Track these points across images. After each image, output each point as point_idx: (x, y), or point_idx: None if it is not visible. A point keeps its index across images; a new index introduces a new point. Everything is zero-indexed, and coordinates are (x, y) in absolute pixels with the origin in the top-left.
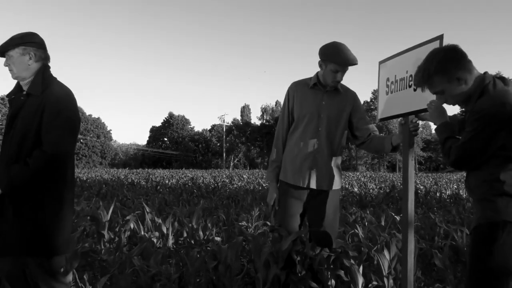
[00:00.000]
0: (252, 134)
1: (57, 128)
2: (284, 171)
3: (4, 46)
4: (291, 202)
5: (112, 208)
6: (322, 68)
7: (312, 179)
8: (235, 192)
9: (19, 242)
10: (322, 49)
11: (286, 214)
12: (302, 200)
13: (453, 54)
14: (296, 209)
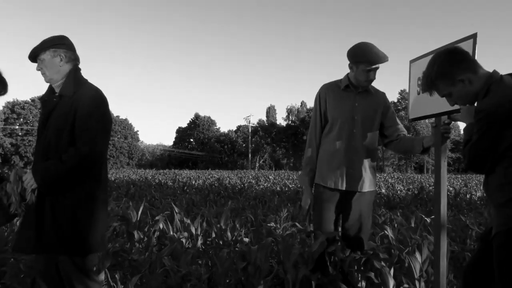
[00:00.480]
0: (278, 135)
1: (90, 129)
2: (319, 174)
3: (35, 51)
4: (327, 205)
5: (142, 208)
6: (353, 69)
7: (348, 181)
8: (261, 193)
9: (54, 240)
10: (351, 51)
11: (322, 218)
12: (337, 201)
13: (453, 56)
14: (332, 212)
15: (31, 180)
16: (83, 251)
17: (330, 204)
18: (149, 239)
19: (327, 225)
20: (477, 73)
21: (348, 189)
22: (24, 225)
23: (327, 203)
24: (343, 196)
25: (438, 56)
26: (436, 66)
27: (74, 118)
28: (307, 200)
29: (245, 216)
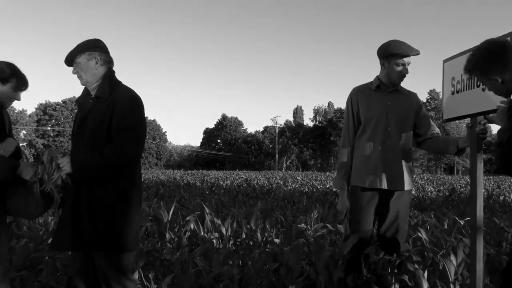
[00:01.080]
0: (305, 135)
1: (129, 129)
2: (356, 175)
3: (71, 55)
4: (366, 208)
5: (173, 208)
6: (385, 66)
7: (385, 180)
8: (290, 193)
9: (91, 238)
10: (381, 47)
11: (361, 221)
12: (375, 202)
13: (491, 56)
14: (371, 214)
15: (67, 164)
16: (119, 249)
17: (369, 206)
18: (180, 239)
19: (366, 227)
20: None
21: (389, 187)
22: (61, 223)
23: (366, 205)
24: (381, 197)
25: (480, 49)
26: (474, 58)
27: (111, 119)
28: (343, 204)
29: (275, 217)
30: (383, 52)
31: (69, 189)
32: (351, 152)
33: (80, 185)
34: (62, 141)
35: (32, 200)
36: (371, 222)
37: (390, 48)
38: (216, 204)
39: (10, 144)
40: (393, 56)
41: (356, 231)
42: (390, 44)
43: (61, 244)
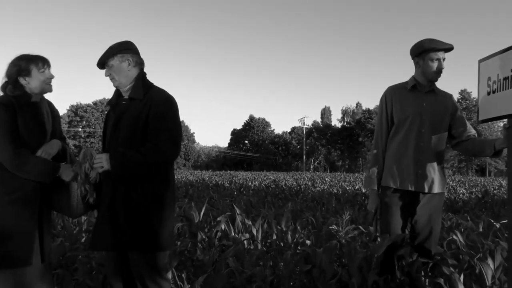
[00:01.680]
0: (333, 136)
1: (167, 129)
2: (387, 176)
3: (103, 58)
4: (396, 209)
5: (204, 209)
6: (420, 64)
7: (417, 182)
8: (318, 195)
9: (128, 237)
10: (414, 46)
11: (391, 222)
12: (406, 204)
13: None
14: (400, 215)
15: (105, 161)
16: (154, 248)
17: (399, 207)
18: (211, 239)
19: (396, 229)
20: None
21: (418, 190)
22: (99, 223)
23: (396, 206)
24: (412, 199)
25: None
26: None
27: (146, 120)
28: (374, 204)
29: (306, 219)
30: (416, 49)
31: (106, 189)
32: (383, 152)
33: (116, 183)
34: (93, 142)
35: (73, 200)
36: (400, 223)
37: (422, 44)
38: (245, 205)
39: (51, 146)
40: (426, 52)
41: (386, 232)
42: (422, 41)
43: (100, 244)
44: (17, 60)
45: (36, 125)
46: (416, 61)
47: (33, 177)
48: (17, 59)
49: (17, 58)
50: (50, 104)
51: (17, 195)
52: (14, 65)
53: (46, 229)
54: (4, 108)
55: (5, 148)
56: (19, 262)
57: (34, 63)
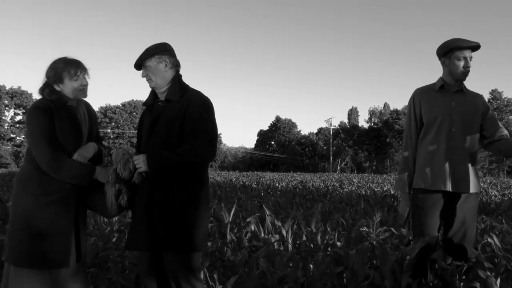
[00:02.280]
0: (360, 137)
1: (201, 132)
2: (419, 177)
3: (141, 59)
4: (429, 211)
5: (234, 210)
6: (446, 63)
7: (452, 182)
8: (347, 196)
9: (163, 237)
10: (440, 47)
11: (424, 224)
12: (440, 206)
13: None
14: (435, 218)
15: (143, 162)
16: (189, 249)
17: (433, 209)
18: (240, 240)
19: (429, 231)
20: None
21: (454, 190)
22: (135, 224)
23: (429, 208)
24: (446, 200)
25: None
26: None
27: (182, 122)
28: (405, 207)
29: (336, 220)
30: (442, 49)
31: (142, 190)
32: (413, 154)
33: (153, 184)
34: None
35: (107, 201)
36: (435, 226)
37: (448, 43)
38: (274, 206)
39: (87, 150)
40: (452, 51)
41: (419, 235)
42: (447, 41)
43: (136, 244)
44: (55, 64)
45: (72, 128)
46: (442, 61)
47: (69, 180)
48: (55, 63)
49: (55, 61)
50: (87, 106)
51: (55, 197)
52: (51, 68)
53: (81, 229)
54: (42, 112)
55: (43, 152)
56: (56, 263)
57: (67, 70)
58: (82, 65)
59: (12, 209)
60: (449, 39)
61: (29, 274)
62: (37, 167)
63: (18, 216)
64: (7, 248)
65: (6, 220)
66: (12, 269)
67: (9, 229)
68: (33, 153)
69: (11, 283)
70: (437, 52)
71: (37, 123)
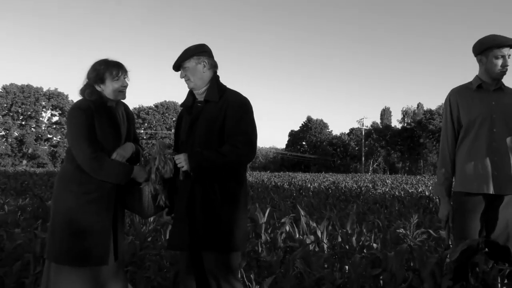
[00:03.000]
0: (392, 138)
1: (242, 133)
2: (459, 180)
3: (180, 60)
4: (471, 215)
5: (268, 210)
6: (483, 62)
7: (495, 184)
8: (380, 197)
9: (204, 237)
10: (476, 44)
11: (466, 229)
12: (481, 209)
13: None
14: (476, 221)
15: (184, 161)
16: (229, 248)
17: (474, 212)
18: (275, 240)
19: (471, 234)
20: None
21: (496, 192)
22: (177, 223)
23: (471, 211)
24: (488, 203)
25: None
26: None
27: (222, 123)
28: (445, 211)
29: (371, 221)
30: (479, 47)
31: (183, 190)
32: (452, 157)
33: (194, 184)
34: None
35: (144, 201)
36: (476, 229)
37: (485, 41)
38: (307, 207)
39: (125, 149)
40: (489, 49)
41: (461, 238)
42: (484, 38)
43: (178, 244)
44: (96, 65)
45: (112, 128)
46: (479, 59)
47: (108, 179)
48: (97, 64)
49: (97, 62)
50: (125, 107)
51: (94, 196)
52: (93, 69)
53: (120, 228)
54: (83, 112)
55: (83, 151)
56: (95, 260)
57: (109, 71)
58: (123, 67)
59: (53, 207)
60: (486, 35)
61: (70, 272)
62: (77, 166)
63: (59, 214)
64: (48, 245)
65: (46, 219)
66: (53, 266)
67: (50, 227)
68: (74, 152)
69: (52, 280)
70: (474, 50)
71: (77, 123)
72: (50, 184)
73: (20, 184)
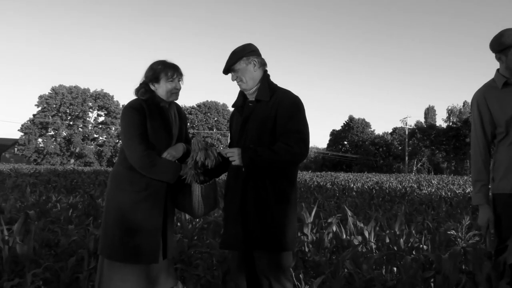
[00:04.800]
0: (437, 137)
1: (295, 132)
2: (502, 181)
3: (229, 63)
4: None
5: (315, 210)
6: (502, 60)
7: None
8: (427, 198)
9: (256, 236)
10: (495, 39)
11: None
12: None
13: None
14: None
15: (237, 156)
16: (281, 248)
17: None
18: (322, 241)
19: None
20: None
21: None
22: (229, 222)
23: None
24: None
25: None
26: None
27: (274, 122)
28: (485, 217)
29: (421, 222)
30: (498, 44)
31: (236, 189)
32: (486, 161)
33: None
34: None
35: (194, 201)
36: None
37: (503, 40)
38: (351, 207)
39: (177, 150)
40: (509, 48)
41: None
42: (502, 34)
43: (232, 244)
44: (154, 64)
45: (163, 128)
46: (498, 57)
47: (158, 177)
48: (155, 64)
49: (155, 62)
50: (178, 108)
51: (146, 193)
52: (151, 68)
53: (170, 227)
54: (136, 111)
55: (134, 149)
56: (145, 258)
57: (164, 71)
58: (179, 70)
59: (106, 205)
60: (502, 30)
61: (122, 268)
62: (129, 167)
63: (111, 212)
64: (101, 241)
65: (97, 216)
66: (105, 262)
67: (103, 224)
68: (125, 150)
69: (105, 275)
70: (491, 47)
71: (130, 121)
72: (98, 182)
73: (70, 182)
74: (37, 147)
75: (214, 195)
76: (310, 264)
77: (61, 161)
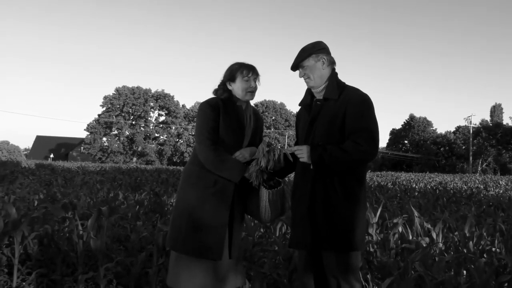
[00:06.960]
0: (504, 136)
1: (364, 130)
2: None
3: (299, 59)
4: None
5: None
6: None
7: None
8: (494, 199)
9: (325, 236)
10: None
11: None
12: None
13: None
14: None
15: (306, 153)
16: (350, 248)
17: None
18: (387, 241)
19: None
20: None
21: None
22: (298, 221)
23: None
24: None
25: None
26: None
27: (343, 120)
28: None
29: (492, 225)
30: None
31: (304, 189)
32: None
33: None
34: None
35: (261, 206)
36: None
37: None
38: (415, 208)
39: (250, 152)
40: None
41: None
42: None
43: (301, 243)
44: (232, 65)
45: (236, 126)
46: None
47: (223, 173)
48: (233, 64)
49: (234, 63)
50: (255, 111)
51: (214, 190)
52: (228, 68)
53: (236, 227)
54: (210, 107)
55: (203, 142)
56: (209, 254)
57: (240, 70)
58: (256, 70)
59: (176, 199)
60: None
61: (189, 262)
62: (199, 163)
63: (180, 205)
64: (168, 233)
65: (163, 213)
66: (174, 257)
67: (171, 216)
68: (196, 142)
69: (172, 268)
70: None
71: (203, 116)
72: (160, 180)
73: (134, 180)
74: (102, 146)
75: (282, 201)
76: (375, 265)
77: (124, 159)
